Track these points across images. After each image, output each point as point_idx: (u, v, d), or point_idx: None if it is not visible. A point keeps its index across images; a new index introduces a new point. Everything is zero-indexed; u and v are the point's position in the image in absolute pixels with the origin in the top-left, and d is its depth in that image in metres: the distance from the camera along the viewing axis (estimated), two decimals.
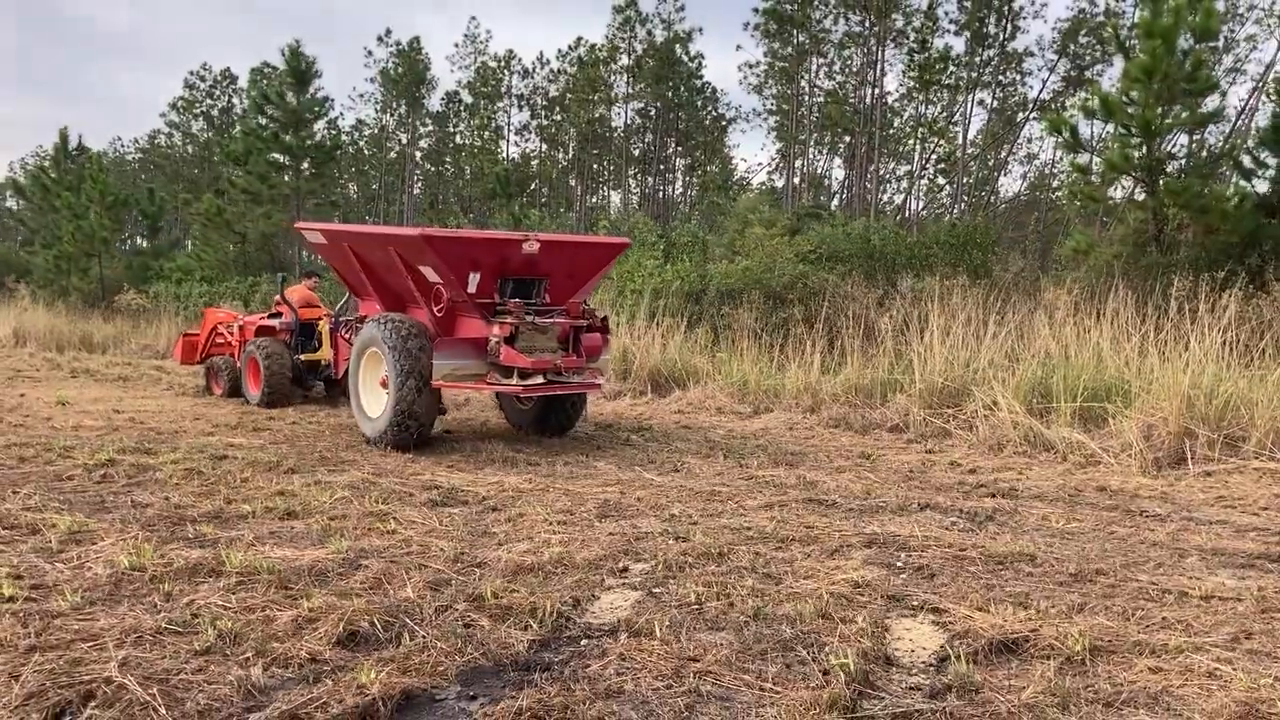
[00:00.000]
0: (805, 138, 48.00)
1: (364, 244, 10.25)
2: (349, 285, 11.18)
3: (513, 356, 9.15)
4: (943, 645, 4.36)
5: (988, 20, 40.83)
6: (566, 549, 5.85)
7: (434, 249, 9.05)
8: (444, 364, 9.16)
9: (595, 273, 10.28)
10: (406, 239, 9.42)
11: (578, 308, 9.88)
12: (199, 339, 15.42)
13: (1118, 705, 3.71)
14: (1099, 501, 7.50)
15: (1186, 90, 16.50)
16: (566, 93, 53.95)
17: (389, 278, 10.10)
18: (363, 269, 10.26)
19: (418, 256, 9.31)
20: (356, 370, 10.04)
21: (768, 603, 4.89)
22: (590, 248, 10.35)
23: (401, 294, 10.10)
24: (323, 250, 11.08)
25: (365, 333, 9.74)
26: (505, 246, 9.38)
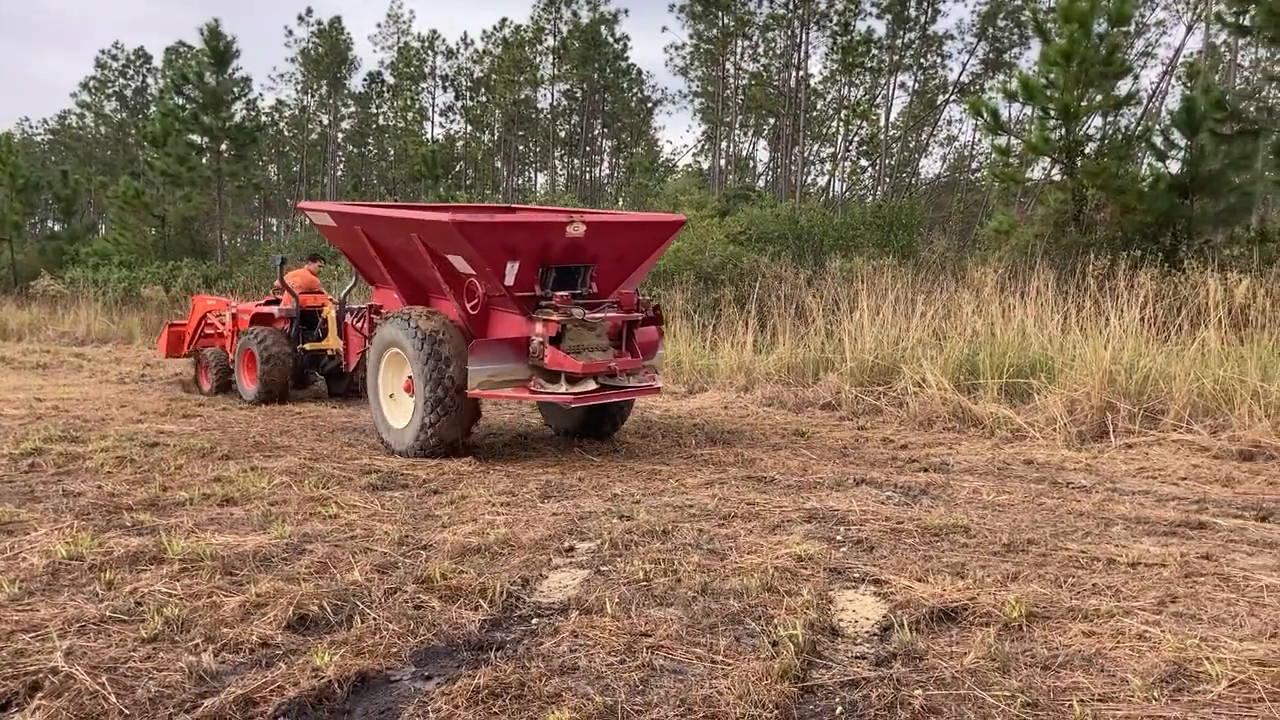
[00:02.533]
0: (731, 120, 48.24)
1: (381, 229, 8.87)
2: (362, 273, 9.98)
3: (560, 359, 7.92)
4: (885, 615, 4.48)
5: (909, 4, 41.38)
6: (511, 530, 5.87)
7: (466, 237, 7.70)
8: (480, 369, 7.90)
9: (647, 256, 8.84)
10: (433, 225, 8.07)
11: (631, 298, 8.61)
12: (186, 329, 13.91)
13: (1055, 668, 3.86)
14: (1027, 474, 7.73)
15: (1103, 73, 16.93)
16: (491, 74, 53.48)
17: (411, 267, 8.73)
18: (379, 256, 8.92)
19: (446, 245, 8.02)
20: (376, 373, 8.84)
21: (714, 578, 4.97)
22: (643, 228, 8.93)
23: (425, 285, 8.83)
24: (330, 233, 9.77)
25: (386, 331, 8.54)
26: (547, 231, 8.04)
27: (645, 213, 9.79)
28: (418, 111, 56.50)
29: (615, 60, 51.22)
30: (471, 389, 7.95)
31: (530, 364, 8.05)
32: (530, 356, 8.04)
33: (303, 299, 12.41)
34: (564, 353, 7.94)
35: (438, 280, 8.36)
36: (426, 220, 8.21)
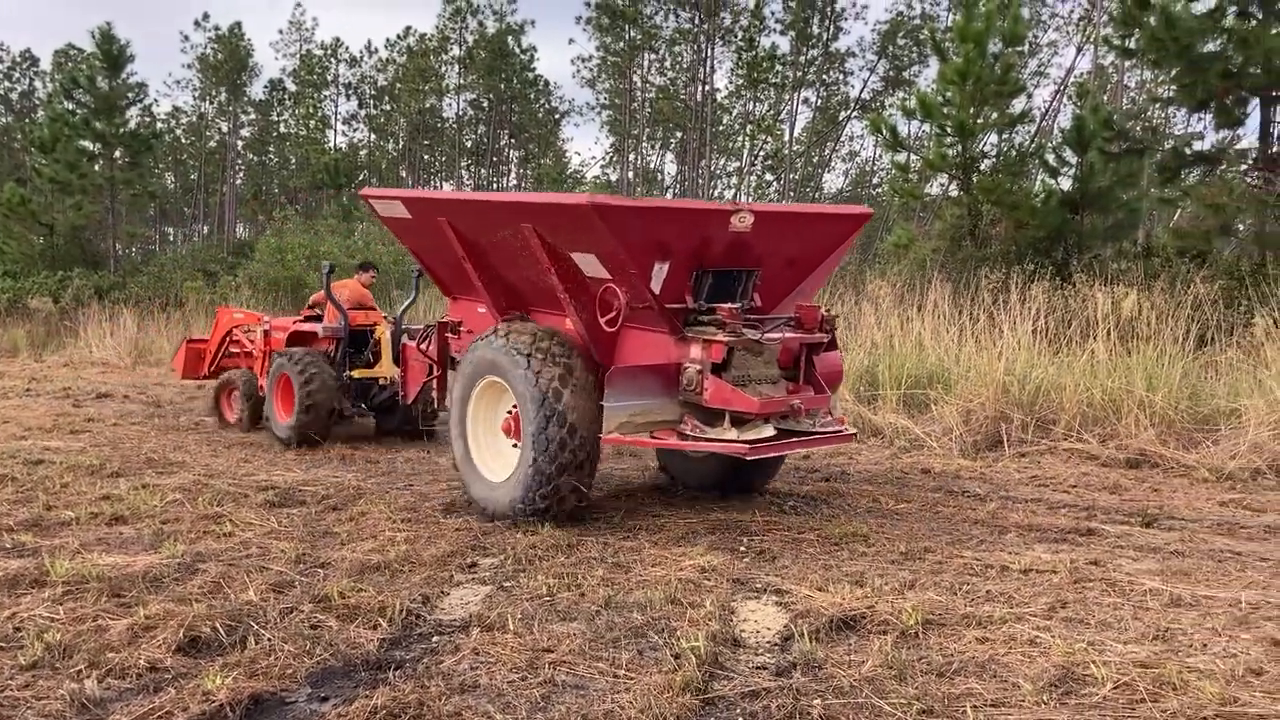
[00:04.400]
0: (638, 132, 48.48)
1: (477, 219, 6.89)
2: (437, 278, 7.98)
3: (728, 394, 5.92)
4: (786, 625, 4.53)
5: (812, 21, 42.12)
6: (413, 546, 5.79)
7: (609, 225, 5.75)
8: (620, 406, 5.89)
9: (823, 259, 6.89)
10: (559, 211, 6.15)
11: (814, 314, 6.52)
12: (207, 347, 11.54)
13: (949, 675, 3.94)
14: (925, 483, 7.89)
15: (997, 92, 17.44)
16: (396, 82, 52.90)
17: (514, 270, 6.86)
18: (469, 256, 7.01)
19: (575, 238, 6.08)
20: (463, 409, 6.84)
21: (618, 591, 4.97)
22: (822, 221, 6.91)
23: (530, 294, 6.93)
24: (400, 228, 7.87)
25: (481, 354, 6.58)
26: (707, 222, 6.08)
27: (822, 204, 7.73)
28: (320, 119, 55.57)
29: (522, 71, 51.08)
30: (608, 432, 5.91)
31: (681, 400, 6.07)
32: (681, 389, 6.06)
33: (352, 316, 10.07)
34: (730, 385, 5.97)
35: (553, 288, 6.41)
36: (549, 205, 6.28)
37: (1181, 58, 13.08)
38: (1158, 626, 4.46)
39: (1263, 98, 13.10)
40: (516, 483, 6.28)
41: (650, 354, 6.28)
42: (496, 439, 6.81)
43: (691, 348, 6.08)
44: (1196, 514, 6.83)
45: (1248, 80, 12.78)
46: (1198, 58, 12.96)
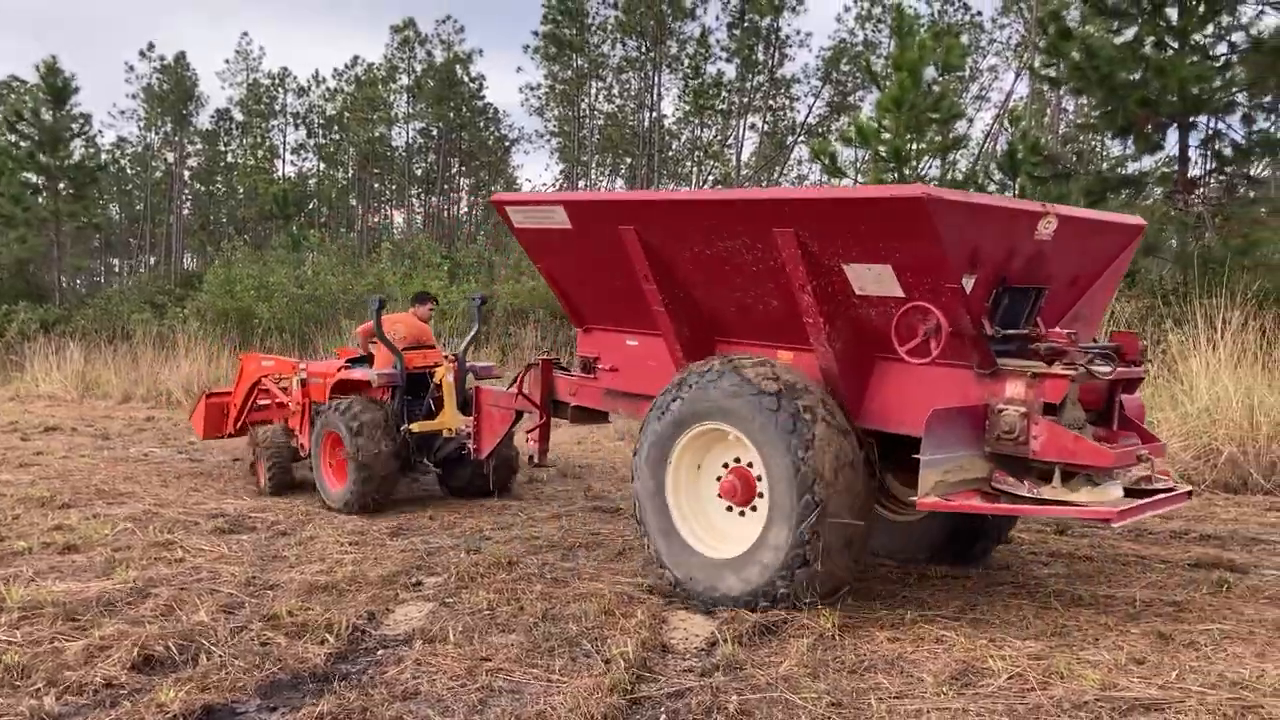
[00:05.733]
0: (588, 159, 48.93)
1: (687, 224, 5.48)
2: (571, 305, 6.71)
3: (1070, 444, 4.66)
4: (713, 632, 4.81)
5: (757, 48, 42.82)
6: (359, 567, 6.01)
7: (942, 225, 4.53)
8: (939, 460, 4.64)
9: (1099, 275, 5.79)
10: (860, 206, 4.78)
11: (1135, 343, 5.38)
12: (231, 400, 10.10)
13: (860, 671, 4.24)
14: None
15: (933, 119, 18.01)
16: (344, 112, 52.95)
17: (720, 289, 5.59)
18: (653, 273, 5.70)
19: (866, 242, 4.80)
20: (660, 466, 5.45)
21: (556, 605, 5.23)
22: (1107, 231, 5.72)
23: (728, 319, 5.72)
24: (544, 241, 6.44)
25: (696, 396, 5.27)
26: (1018, 224, 5.00)
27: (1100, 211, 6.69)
28: (268, 149, 55.46)
29: (471, 99, 51.37)
30: (925, 493, 4.59)
31: (986, 450, 4.82)
32: (989, 437, 4.81)
33: (408, 357, 8.37)
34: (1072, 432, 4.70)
35: (810, 309, 5.09)
36: (838, 201, 4.90)
37: (1102, 86, 13.65)
38: (1056, 624, 4.81)
39: (1179, 123, 13.69)
40: (760, 562, 4.96)
41: (933, 393, 4.94)
42: (705, 504, 5.44)
43: (1006, 384, 4.81)
44: None
45: (1165, 107, 13.36)
46: (1118, 86, 13.53)
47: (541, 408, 6.91)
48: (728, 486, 5.24)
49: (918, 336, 4.81)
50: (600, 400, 6.59)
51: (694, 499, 5.46)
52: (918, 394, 5.00)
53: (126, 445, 12.09)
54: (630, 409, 6.40)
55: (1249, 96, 13.56)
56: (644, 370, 6.19)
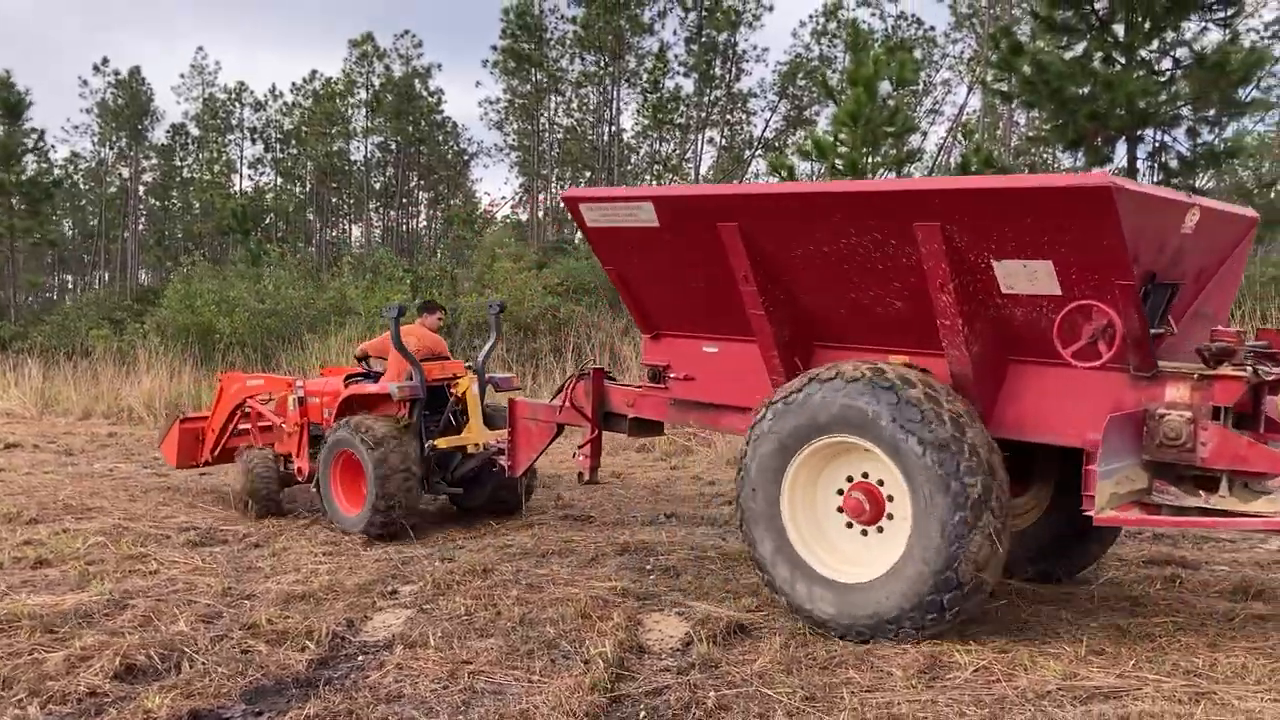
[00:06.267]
0: (548, 172, 49.05)
1: (804, 219, 5.07)
2: (642, 310, 6.19)
3: (1244, 450, 4.38)
4: (688, 632, 4.93)
5: (714, 63, 43.18)
6: (335, 577, 6.07)
7: (1125, 216, 4.21)
8: (1114, 470, 4.39)
9: (1218, 270, 5.47)
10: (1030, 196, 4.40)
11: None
12: (208, 425, 9.32)
13: (832, 667, 4.39)
14: None
15: (888, 132, 18.33)
16: (302, 126, 52.71)
17: (833, 290, 5.21)
18: (754, 274, 5.31)
19: (1028, 236, 4.46)
20: (775, 482, 5.06)
21: (532, 609, 5.33)
22: (1228, 222, 5.38)
23: (837, 322, 5.35)
24: (621, 242, 5.93)
25: (820, 403, 4.85)
26: (1169, 217, 4.75)
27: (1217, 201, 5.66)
28: (225, 164, 55.07)
29: (430, 113, 51.34)
30: (1102, 509, 4.32)
31: (1147, 459, 4.54)
32: (1147, 445, 4.52)
33: (426, 369, 7.78)
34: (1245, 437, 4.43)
35: (949, 312, 4.75)
36: (1001, 191, 4.54)
37: (1053, 100, 13.99)
38: (1021, 619, 4.99)
39: (1127, 136, 14.05)
40: (901, 586, 4.58)
41: (1081, 398, 4.66)
42: (824, 523, 5.07)
43: (1166, 388, 4.51)
44: None
45: (1113, 121, 13.71)
46: (1067, 100, 13.87)
47: (593, 421, 6.50)
48: (854, 504, 4.86)
49: (1082, 338, 4.45)
50: (665, 411, 6.20)
51: (811, 518, 5.07)
52: (1064, 400, 4.72)
53: (91, 461, 12.01)
54: (705, 420, 6.11)
55: (1193, 110, 13.98)
56: (724, 378, 5.82)
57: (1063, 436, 4.68)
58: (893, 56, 19.55)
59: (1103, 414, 4.46)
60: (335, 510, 7.67)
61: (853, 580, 4.79)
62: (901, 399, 4.59)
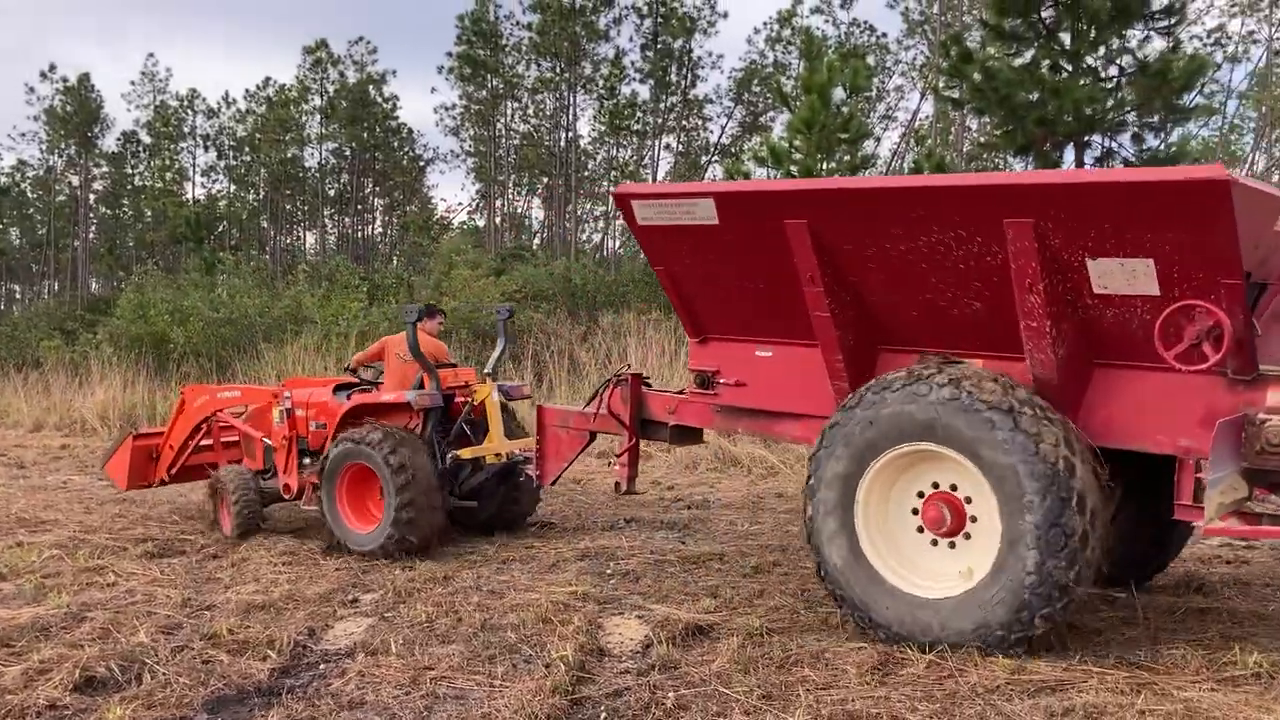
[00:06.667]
0: (504, 178, 48.97)
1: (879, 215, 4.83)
2: (691, 311, 5.93)
3: None
4: (647, 635, 5.01)
5: (670, 70, 43.39)
6: (295, 586, 6.08)
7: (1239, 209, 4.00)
8: (1218, 479, 4.17)
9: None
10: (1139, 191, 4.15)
11: None
12: (165, 442, 8.74)
13: (788, 666, 4.47)
14: (777, 506, 8.51)
15: (842, 139, 18.55)
16: (256, 133, 52.24)
17: (905, 290, 4.97)
18: (821, 274, 5.05)
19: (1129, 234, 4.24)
20: (848, 490, 4.81)
21: (493, 615, 5.38)
22: None
23: (907, 324, 5.12)
24: (675, 240, 5.62)
25: (896, 410, 4.64)
26: (1270, 213, 4.49)
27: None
28: (177, 172, 54.42)
29: (385, 119, 51.09)
30: (1211, 518, 4.19)
31: (1243, 466, 4.34)
32: (1245, 452, 4.31)
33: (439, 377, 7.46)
34: None
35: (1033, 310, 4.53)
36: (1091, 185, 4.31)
37: (1002, 106, 14.24)
38: None
39: (1075, 142, 14.34)
40: (988, 602, 4.41)
41: (1176, 404, 4.46)
42: (898, 535, 4.84)
43: (1269, 392, 4.31)
44: None
45: (1061, 127, 13.98)
46: (1016, 106, 14.12)
47: (631, 429, 6.25)
48: (934, 515, 4.64)
49: (1185, 340, 4.24)
50: (712, 419, 5.96)
51: (885, 530, 4.83)
52: (1155, 405, 4.50)
53: (44, 474, 11.88)
54: (755, 427, 5.89)
55: (1138, 116, 14.28)
56: (779, 383, 5.60)
57: (1154, 443, 4.49)
58: (846, 63, 19.82)
59: (1197, 419, 4.35)
60: (343, 529, 7.16)
61: (934, 595, 4.60)
62: (989, 405, 4.39)
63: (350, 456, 7.09)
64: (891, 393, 4.68)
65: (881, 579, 4.74)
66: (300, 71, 50.87)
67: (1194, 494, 4.33)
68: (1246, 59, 38.61)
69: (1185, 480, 4.28)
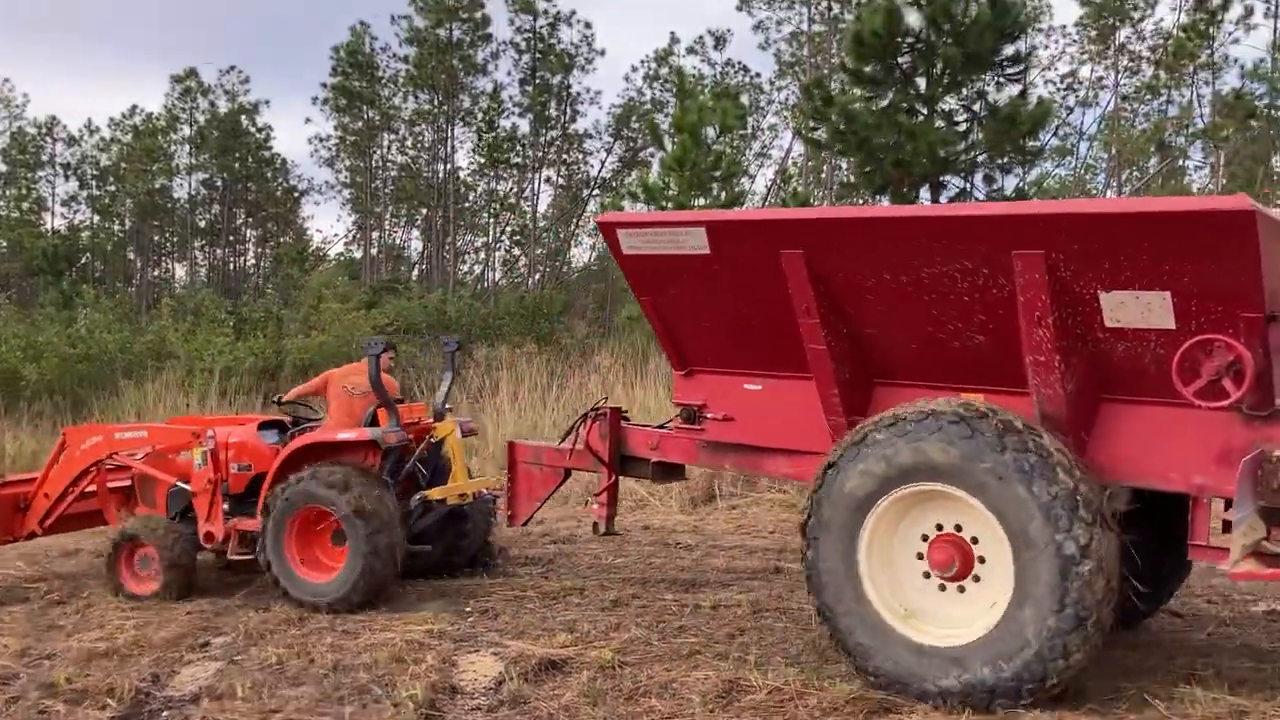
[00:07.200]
0: (381, 210, 48.44)
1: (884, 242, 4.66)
2: (675, 343, 5.69)
3: None
4: (501, 671, 5.04)
5: (549, 104, 43.68)
6: (143, 631, 5.93)
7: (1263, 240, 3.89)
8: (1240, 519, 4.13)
9: None
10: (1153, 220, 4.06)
11: None
12: (37, 489, 7.65)
13: (636, 697, 4.57)
14: (643, 539, 8.64)
15: (713, 177, 18.98)
16: (121, 162, 50.60)
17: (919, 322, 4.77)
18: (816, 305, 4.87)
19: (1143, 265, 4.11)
20: (851, 534, 4.55)
21: (346, 655, 5.34)
22: None
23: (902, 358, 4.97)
24: (663, 270, 5.41)
25: (905, 447, 4.41)
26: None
27: None
28: (35, 201, 52.27)
29: (258, 150, 50.10)
30: (1236, 561, 4.09)
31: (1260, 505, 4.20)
32: (1262, 490, 4.17)
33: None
34: None
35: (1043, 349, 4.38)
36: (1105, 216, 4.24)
37: (861, 149, 14.80)
38: (811, 641, 5.29)
39: (930, 183, 14.98)
40: (1001, 652, 4.16)
41: (1188, 440, 4.30)
42: (902, 579, 4.61)
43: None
44: None
45: (917, 168, 14.59)
46: (875, 149, 14.70)
47: (610, 466, 6.00)
48: (943, 558, 4.40)
49: (1203, 376, 4.09)
50: (695, 455, 5.76)
51: (890, 574, 4.59)
52: (1166, 442, 4.34)
53: None
54: (743, 464, 5.69)
55: (989, 158, 15.02)
56: (769, 418, 5.39)
57: (1165, 481, 4.33)
58: (718, 103, 20.29)
59: (1211, 456, 4.21)
60: (292, 578, 6.53)
61: (941, 644, 4.35)
62: (999, 442, 4.20)
63: (305, 500, 6.49)
64: (899, 428, 4.45)
65: (889, 627, 4.48)
66: (169, 100, 49.58)
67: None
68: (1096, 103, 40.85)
69: (1200, 519, 4.16)
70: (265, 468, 6.96)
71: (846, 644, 4.57)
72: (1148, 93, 38.95)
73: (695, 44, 43.84)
